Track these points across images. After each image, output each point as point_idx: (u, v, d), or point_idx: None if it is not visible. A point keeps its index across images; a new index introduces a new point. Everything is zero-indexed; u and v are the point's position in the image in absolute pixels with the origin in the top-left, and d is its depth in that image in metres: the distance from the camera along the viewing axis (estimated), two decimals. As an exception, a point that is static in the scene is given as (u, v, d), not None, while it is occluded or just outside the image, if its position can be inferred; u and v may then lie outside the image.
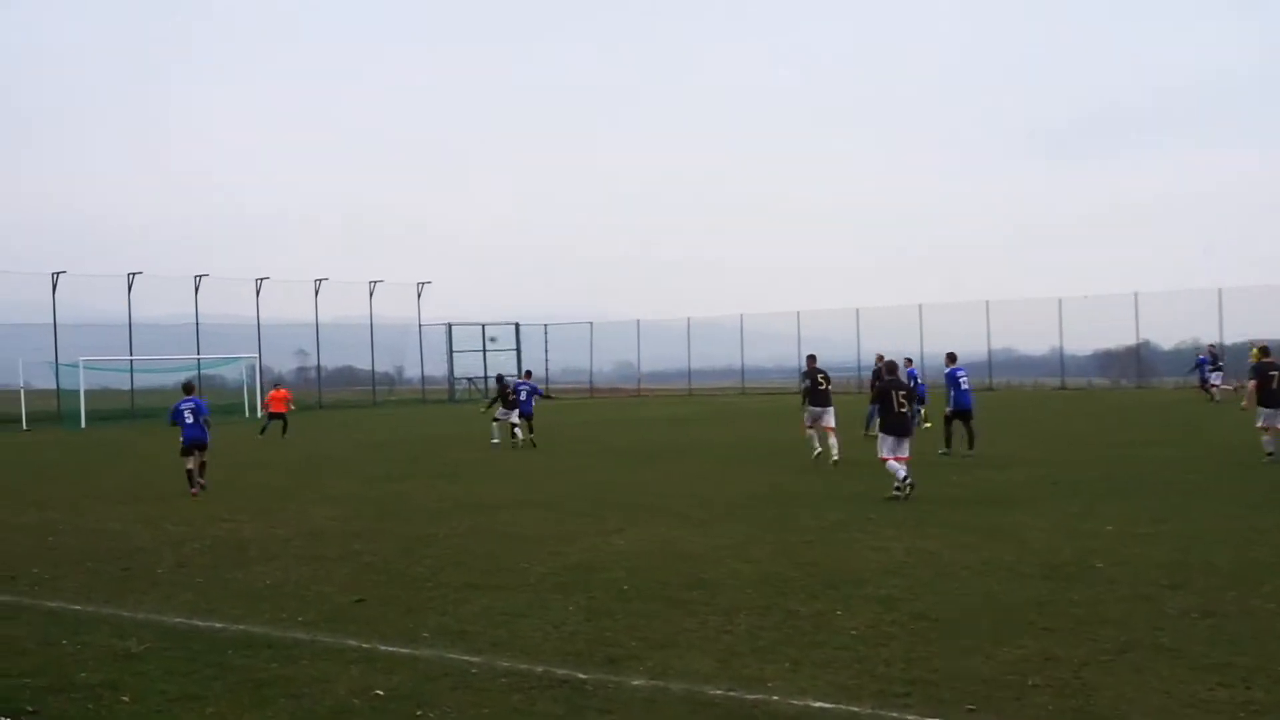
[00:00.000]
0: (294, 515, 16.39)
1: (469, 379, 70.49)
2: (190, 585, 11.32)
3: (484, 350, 72.89)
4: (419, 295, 70.75)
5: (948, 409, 23.17)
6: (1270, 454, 19.38)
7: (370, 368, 70.57)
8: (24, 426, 47.04)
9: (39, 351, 53.29)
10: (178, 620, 9.71)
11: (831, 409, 21.45)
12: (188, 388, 21.15)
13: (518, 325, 76.32)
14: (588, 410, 49.62)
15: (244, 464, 25.76)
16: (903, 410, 16.86)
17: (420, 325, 71.21)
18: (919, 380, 26.30)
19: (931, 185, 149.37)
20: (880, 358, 29.58)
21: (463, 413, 44.10)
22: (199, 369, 57.68)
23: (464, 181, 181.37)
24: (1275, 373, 19.59)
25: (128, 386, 58.93)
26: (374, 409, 61.96)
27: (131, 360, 56.97)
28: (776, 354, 73.14)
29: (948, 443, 22.81)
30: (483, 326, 74.14)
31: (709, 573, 11.10)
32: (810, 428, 21.70)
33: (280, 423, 35.68)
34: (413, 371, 75.30)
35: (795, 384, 25.20)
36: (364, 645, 8.63)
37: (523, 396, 28.18)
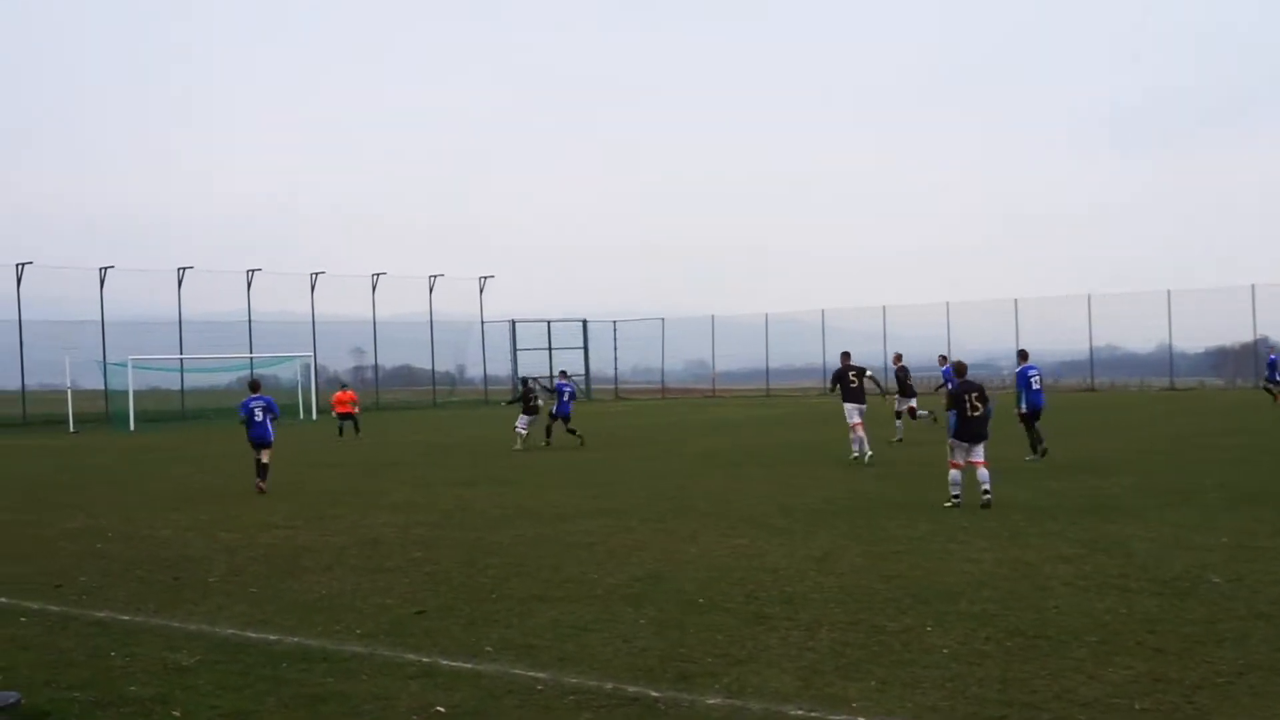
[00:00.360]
0: (351, 522, 16.57)
1: (534, 379, 70.87)
2: (243, 595, 11.48)
3: (549, 348, 73.19)
4: (481, 290, 71.28)
5: (1020, 409, 23.17)
6: None
7: (430, 367, 71.14)
8: (71, 428, 47.98)
9: (86, 350, 54.24)
10: (230, 632, 9.85)
11: (863, 406, 23.46)
12: (254, 385, 22.95)
13: (585, 322, 76.60)
14: (659, 412, 49.69)
15: (298, 468, 26.09)
16: (977, 414, 16.73)
17: (483, 322, 71.65)
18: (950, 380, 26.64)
19: (1022, 172, 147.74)
20: (898, 357, 29.93)
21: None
22: (251, 368, 58.46)
23: (527, 171, 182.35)
24: None
25: (177, 386, 59.85)
26: (434, 410, 62.50)
27: (181, 359, 57.77)
28: (861, 353, 72.84)
29: (1034, 446, 22.73)
30: (548, 323, 74.46)
31: (790, 585, 11.05)
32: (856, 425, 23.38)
33: (351, 423, 37.95)
34: (475, 371, 75.87)
35: (882, 386, 25.42)
36: (424, 660, 8.69)
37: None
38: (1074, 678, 7.72)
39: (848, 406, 23.47)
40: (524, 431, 30.38)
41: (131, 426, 48.56)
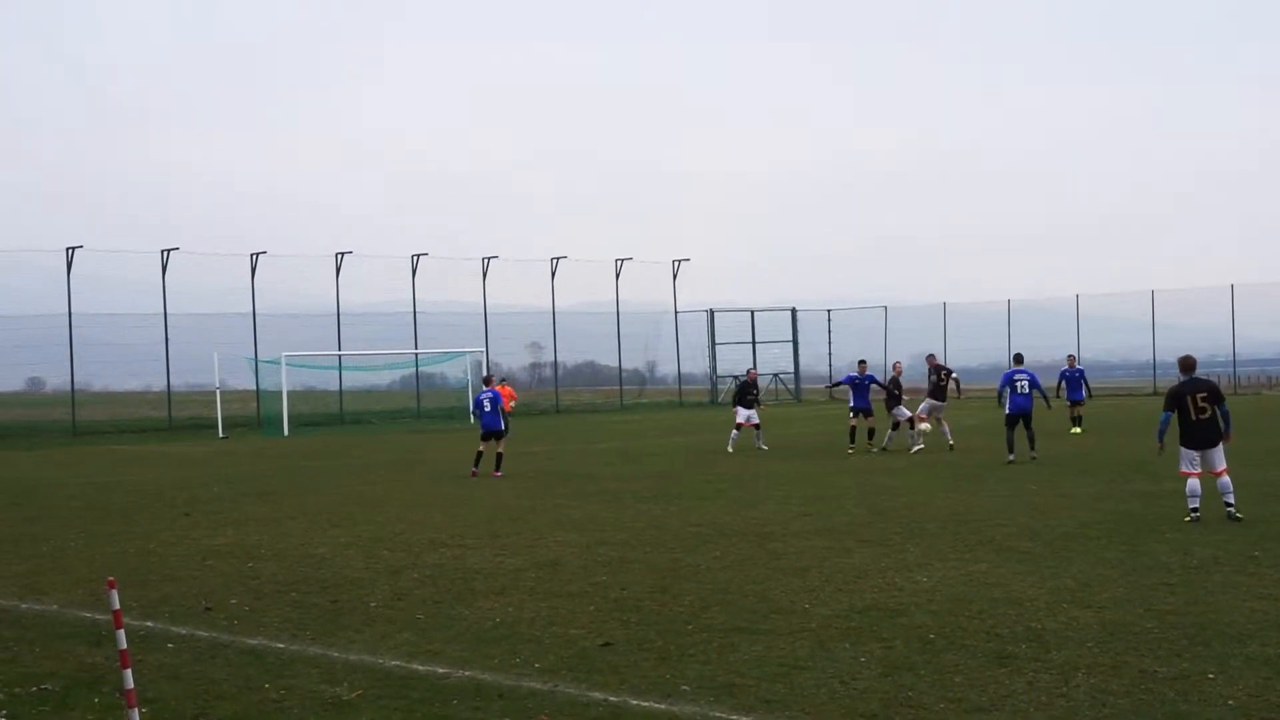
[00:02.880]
0: (527, 541, 16.83)
1: (735, 377, 70.78)
2: (409, 622, 11.76)
3: (753, 341, 73.01)
4: (675, 276, 71.46)
5: (1006, 410, 27.16)
6: None
7: (617, 363, 71.59)
8: (220, 433, 49.70)
9: (236, 346, 55.93)
10: (394, 663, 10.10)
11: (944, 404, 30.67)
12: (487, 380, 29.53)
13: (794, 311, 76.19)
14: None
15: (468, 481, 26.60)
16: (1203, 416, 16.19)
17: (676, 312, 71.72)
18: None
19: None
20: (931, 358, 32.57)
21: (728, 418, 43.97)
22: (416, 365, 59.87)
23: (725, 143, 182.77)
24: None
25: (335, 387, 61.40)
26: (621, 413, 62.95)
27: (340, 356, 59.20)
28: (1124, 344, 70.97)
29: (1011, 448, 26.48)
30: (751, 313, 74.27)
31: (1039, 620, 10.84)
32: (926, 419, 29.99)
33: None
34: (667, 368, 76.12)
35: (1148, 384, 27.44)
36: (611, 698, 8.77)
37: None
38: (1392, 738, 7.39)
39: (933, 403, 30.54)
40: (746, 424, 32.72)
41: (285, 431, 50.16)
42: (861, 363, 33.07)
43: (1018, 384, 27.00)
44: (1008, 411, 27.05)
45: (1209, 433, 16.37)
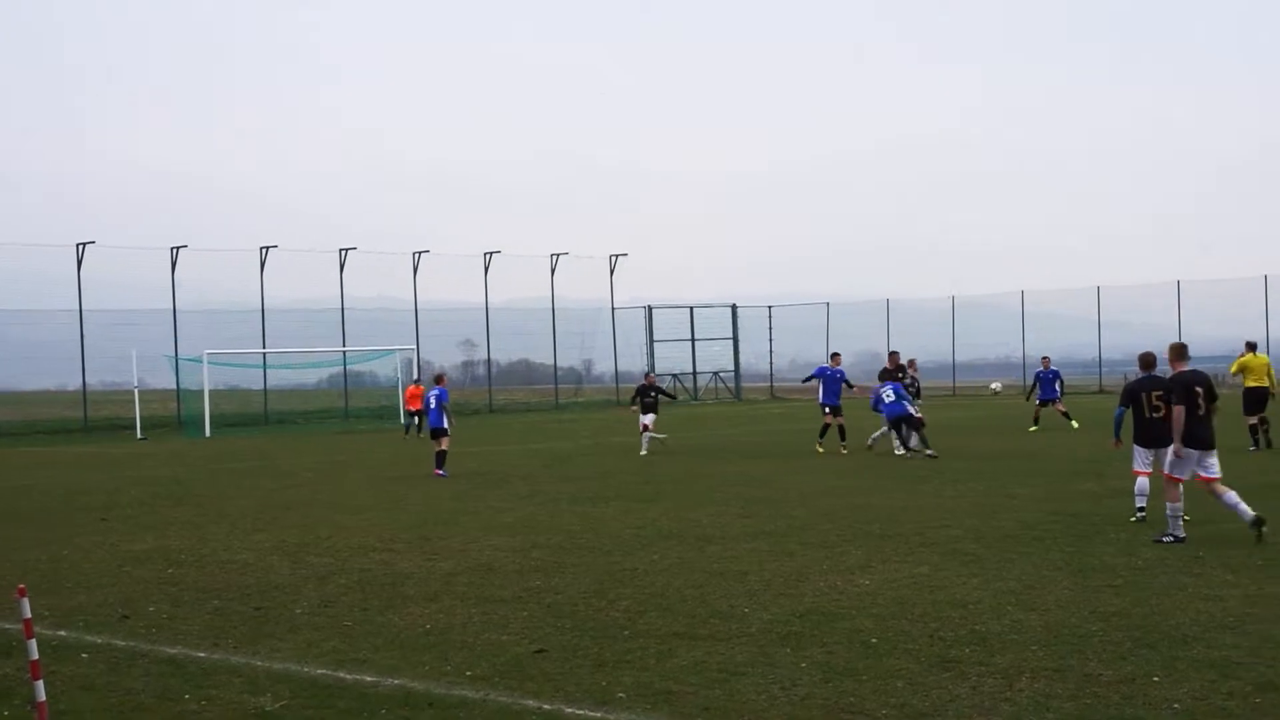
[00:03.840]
0: (459, 545, 16.79)
1: (674, 376, 70.88)
2: (336, 629, 11.71)
3: (693, 338, 73.13)
4: (612, 271, 71.40)
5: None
6: None
7: (552, 361, 71.42)
8: (139, 435, 49.25)
9: (155, 343, 55.30)
10: (321, 672, 10.05)
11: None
12: (438, 378, 29.38)
13: (734, 307, 76.40)
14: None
15: (397, 481, 26.52)
16: (1158, 415, 16.36)
17: (614, 308, 71.68)
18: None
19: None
20: (901, 356, 32.56)
21: (669, 417, 44.02)
22: (344, 363, 59.46)
23: (669, 136, 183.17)
24: None
25: (259, 386, 60.90)
26: (556, 412, 62.95)
27: (264, 354, 58.76)
28: (1069, 343, 71.61)
29: (905, 444, 28.37)
30: (691, 309, 74.39)
31: (983, 623, 10.94)
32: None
33: (416, 421, 38.93)
34: (604, 366, 76.06)
35: (1093, 381, 27.12)
36: (545, 706, 8.78)
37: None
38: (1338, 740, 7.51)
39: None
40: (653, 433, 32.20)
41: (207, 432, 49.73)
42: (835, 356, 32.66)
43: (884, 395, 28.89)
44: (886, 417, 29.03)
45: (1163, 431, 16.53)
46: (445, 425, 27.55)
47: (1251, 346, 28.29)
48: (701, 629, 11.11)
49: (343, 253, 61.88)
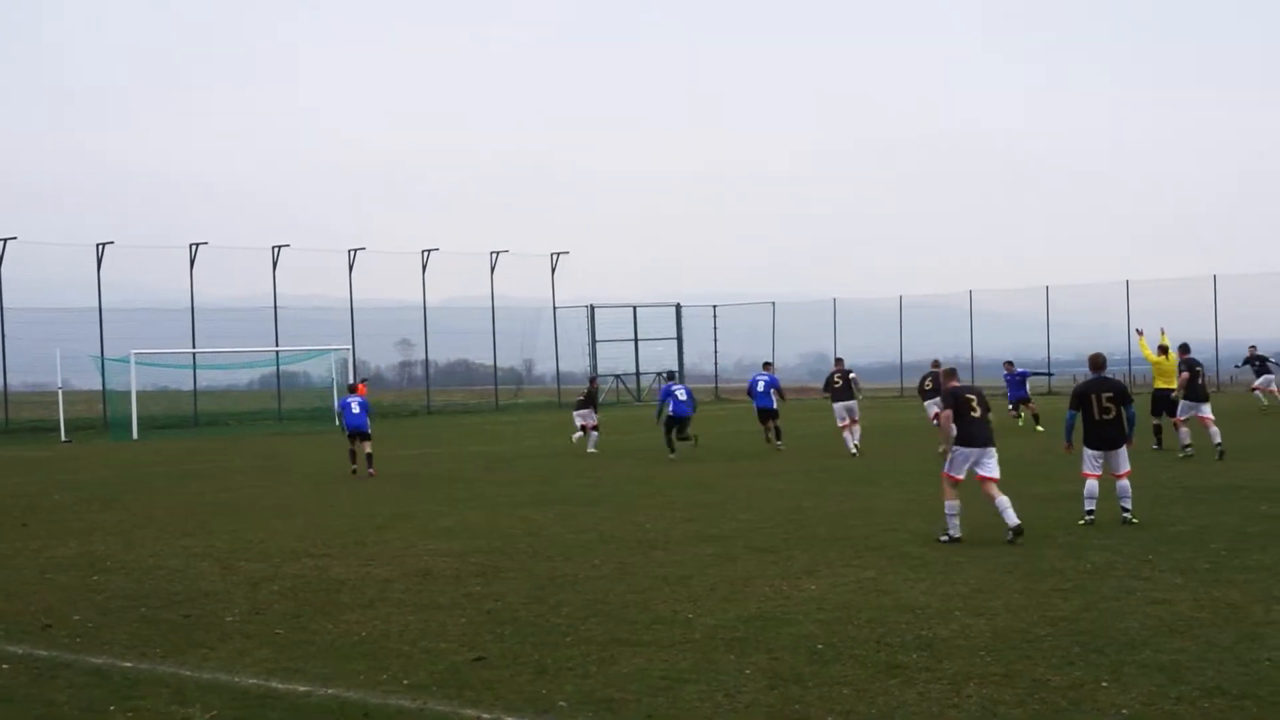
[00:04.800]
0: (396, 550, 16.74)
1: (616, 376, 70.87)
2: (268, 638, 11.65)
3: (635, 339, 73.13)
4: (553, 269, 71.30)
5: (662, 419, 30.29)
6: None
7: (492, 362, 71.24)
8: (63, 437, 48.78)
9: (81, 343, 54.79)
10: (252, 681, 10.01)
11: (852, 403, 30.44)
12: (352, 388, 30.16)
13: (679, 306, 76.47)
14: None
15: (332, 485, 26.41)
16: (1108, 417, 16.56)
17: (555, 307, 71.60)
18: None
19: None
20: (936, 364, 32.83)
21: (611, 419, 44.13)
22: (277, 363, 59.09)
23: (607, 132, 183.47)
24: None
25: (189, 387, 60.50)
26: (496, 414, 62.80)
27: (194, 354, 58.38)
28: (1017, 341, 72.06)
29: (776, 436, 31.38)
30: (634, 309, 74.39)
31: (930, 629, 11.00)
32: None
33: None
34: (545, 366, 76.02)
35: (1047, 383, 27.02)
36: (485, 715, 8.78)
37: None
38: (1287, 745, 7.61)
39: (837, 406, 30.67)
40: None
41: (134, 434, 49.36)
42: (767, 364, 34.67)
43: (758, 384, 31.94)
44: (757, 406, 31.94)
45: (1113, 433, 16.70)
46: (366, 428, 28.20)
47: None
48: (644, 635, 11.12)
49: (276, 249, 61.56)
